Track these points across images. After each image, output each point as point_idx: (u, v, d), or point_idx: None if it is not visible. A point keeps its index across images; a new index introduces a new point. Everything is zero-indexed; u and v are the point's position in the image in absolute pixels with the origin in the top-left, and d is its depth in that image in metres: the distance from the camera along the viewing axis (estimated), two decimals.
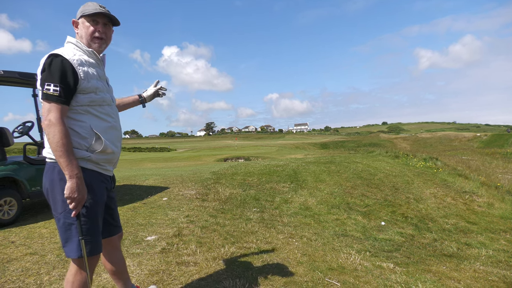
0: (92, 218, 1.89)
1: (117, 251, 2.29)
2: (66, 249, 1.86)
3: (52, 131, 1.70)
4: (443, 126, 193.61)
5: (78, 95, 1.84)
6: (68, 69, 1.77)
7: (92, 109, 1.89)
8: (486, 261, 4.36)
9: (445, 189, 8.30)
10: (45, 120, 1.71)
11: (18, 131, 5.13)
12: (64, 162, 1.72)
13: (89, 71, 1.88)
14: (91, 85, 1.87)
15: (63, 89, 1.75)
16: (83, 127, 1.86)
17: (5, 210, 4.38)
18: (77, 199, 1.76)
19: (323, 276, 3.06)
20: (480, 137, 69.26)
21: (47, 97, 1.73)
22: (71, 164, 1.74)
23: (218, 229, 4.33)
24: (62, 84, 1.74)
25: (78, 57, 1.85)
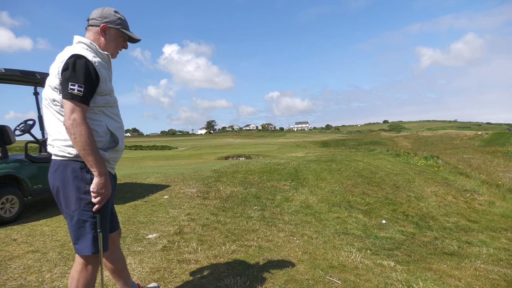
0: (105, 215, 1.95)
1: (116, 248, 2.31)
2: (78, 246, 1.89)
3: (79, 131, 1.74)
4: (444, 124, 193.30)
5: (96, 96, 1.89)
6: (92, 71, 1.82)
7: (106, 110, 1.95)
8: (487, 260, 4.36)
9: (446, 187, 8.29)
10: (68, 120, 1.75)
11: (20, 129, 5.14)
12: (93, 160, 1.78)
13: (107, 73, 1.95)
14: (108, 88, 1.94)
15: (87, 90, 1.79)
16: (100, 126, 1.90)
17: (7, 208, 4.40)
18: (104, 194, 1.84)
19: (324, 274, 3.06)
20: (481, 136, 69.12)
21: (72, 96, 1.75)
22: (100, 162, 1.81)
23: (219, 227, 4.34)
24: (86, 84, 1.78)
25: (98, 60, 1.91)
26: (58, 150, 1.89)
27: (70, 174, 1.86)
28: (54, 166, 1.93)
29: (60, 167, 1.89)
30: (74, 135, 1.75)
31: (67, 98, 1.76)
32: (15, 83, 5.31)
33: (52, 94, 1.86)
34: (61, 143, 1.87)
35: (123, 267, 2.36)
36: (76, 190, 1.84)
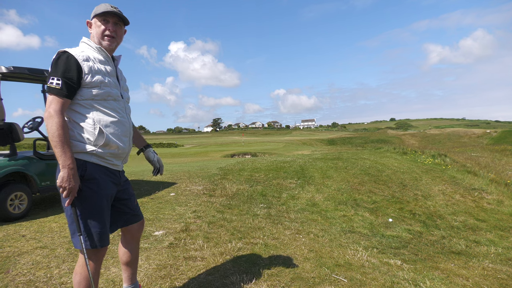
0: (94, 210, 1.91)
1: (134, 241, 2.31)
2: (73, 240, 1.92)
3: (50, 122, 1.77)
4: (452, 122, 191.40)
5: (83, 89, 1.89)
6: (73, 64, 1.84)
7: (96, 103, 1.93)
8: (495, 259, 4.31)
9: (453, 186, 8.22)
10: (46, 112, 1.79)
11: (28, 127, 5.19)
12: (58, 152, 1.77)
13: (95, 66, 1.93)
14: (95, 80, 1.91)
15: (65, 83, 1.82)
16: (86, 121, 1.90)
17: (16, 205, 4.45)
18: (68, 188, 1.80)
19: (330, 272, 3.05)
20: (490, 134, 68.33)
21: (49, 90, 1.82)
22: (64, 155, 1.78)
23: (225, 224, 4.35)
24: (64, 78, 1.82)
25: (86, 54, 1.92)
26: None
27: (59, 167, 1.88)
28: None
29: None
30: (47, 126, 1.78)
31: (47, 91, 1.84)
32: (23, 81, 5.37)
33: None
34: None
35: (135, 261, 2.36)
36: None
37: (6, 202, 4.32)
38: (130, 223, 2.24)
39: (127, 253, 2.29)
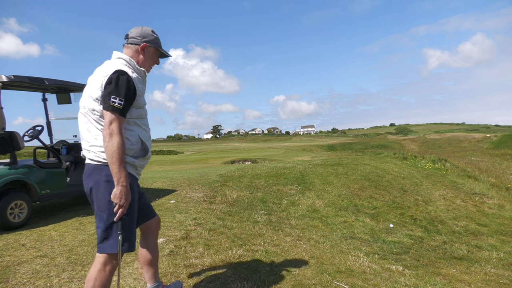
0: (131, 218, 2.10)
1: (153, 238, 2.46)
2: (103, 245, 2.01)
3: (112, 140, 1.90)
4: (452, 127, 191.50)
5: (132, 109, 2.08)
6: (132, 86, 2.02)
7: (139, 121, 2.15)
8: (497, 264, 4.29)
9: (454, 190, 8.20)
10: (107, 129, 1.91)
11: (29, 135, 5.20)
12: (114, 169, 1.91)
13: (140, 88, 2.13)
14: (142, 101, 2.14)
15: (125, 103, 1.98)
16: (133, 136, 2.11)
17: (16, 213, 4.44)
18: (119, 204, 1.94)
19: (331, 279, 3.04)
20: (490, 138, 68.36)
21: (113, 109, 1.93)
22: (120, 173, 1.92)
23: (226, 231, 4.33)
24: (125, 98, 1.97)
25: (136, 76, 2.11)
26: (94, 155, 2.04)
27: (103, 177, 2.01)
28: (89, 170, 2.08)
29: (95, 171, 2.04)
30: (107, 143, 1.91)
31: (108, 109, 1.93)
32: (24, 90, 5.39)
33: (92, 104, 2.02)
34: (98, 149, 2.02)
35: (156, 259, 2.46)
36: (107, 194, 1.97)
37: (6, 211, 4.31)
38: (148, 219, 2.41)
39: (148, 252, 2.41)
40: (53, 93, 5.91)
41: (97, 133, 2.03)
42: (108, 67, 2.04)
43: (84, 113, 2.09)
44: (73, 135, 6.16)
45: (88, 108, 2.04)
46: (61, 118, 6.40)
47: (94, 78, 2.06)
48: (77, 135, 6.15)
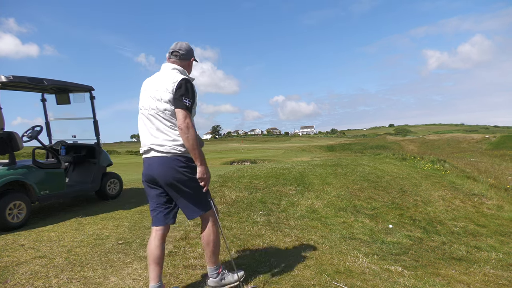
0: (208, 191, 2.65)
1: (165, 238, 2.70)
2: (198, 210, 2.57)
3: (191, 132, 2.40)
4: (451, 128, 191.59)
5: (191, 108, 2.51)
6: (194, 91, 2.53)
7: (193, 118, 2.57)
8: (496, 265, 4.30)
9: (453, 191, 8.21)
10: (183, 123, 2.38)
11: (27, 136, 5.19)
12: (197, 153, 2.45)
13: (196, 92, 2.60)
14: (196, 102, 2.59)
15: (192, 103, 2.47)
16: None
17: (15, 214, 4.43)
18: (206, 178, 2.53)
19: (330, 279, 3.04)
20: (489, 139, 68.50)
21: (186, 107, 2.41)
22: (201, 155, 2.48)
23: (225, 232, 4.33)
24: (192, 100, 2.47)
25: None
26: (169, 148, 2.46)
27: (179, 163, 2.47)
28: (164, 159, 2.47)
29: (170, 160, 2.46)
30: (187, 134, 2.39)
31: (182, 108, 2.40)
32: (23, 90, 5.39)
33: (164, 106, 2.45)
34: (172, 143, 2.46)
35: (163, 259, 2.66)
36: (187, 175, 2.49)
37: (5, 211, 4.30)
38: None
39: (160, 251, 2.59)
40: (52, 94, 5.91)
41: (168, 129, 2.47)
42: (173, 75, 2.51)
43: (152, 114, 2.49)
44: (72, 135, 6.15)
45: (159, 109, 2.46)
46: (60, 119, 6.39)
47: (158, 85, 2.50)
48: (76, 136, 6.15)
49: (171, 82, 2.46)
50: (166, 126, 2.47)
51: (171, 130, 2.47)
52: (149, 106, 2.52)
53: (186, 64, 2.72)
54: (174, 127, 2.47)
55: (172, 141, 2.45)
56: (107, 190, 5.95)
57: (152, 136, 2.50)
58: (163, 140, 2.46)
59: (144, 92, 2.59)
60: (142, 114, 2.57)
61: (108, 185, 5.97)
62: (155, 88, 2.51)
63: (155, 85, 2.53)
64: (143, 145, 2.57)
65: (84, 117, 5.90)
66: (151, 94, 2.52)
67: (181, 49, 2.68)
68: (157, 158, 2.49)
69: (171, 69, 2.60)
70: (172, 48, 2.68)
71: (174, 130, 2.47)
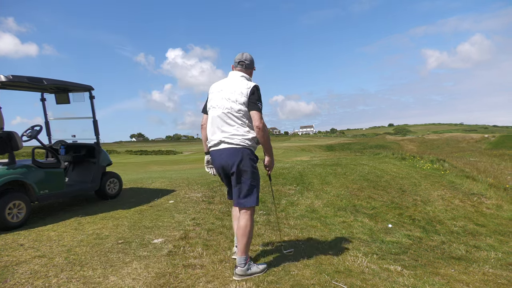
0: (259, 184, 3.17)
1: None
2: (246, 201, 3.00)
3: (265, 129, 2.95)
4: (450, 127, 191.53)
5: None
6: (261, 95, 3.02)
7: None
8: (496, 264, 4.31)
9: (452, 191, 8.23)
10: (259, 123, 2.89)
11: (27, 135, 5.19)
12: (269, 148, 3.11)
13: None
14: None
15: (262, 106, 2.98)
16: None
17: (14, 213, 4.43)
18: (271, 166, 3.22)
19: (330, 279, 3.04)
20: (488, 139, 68.57)
21: (259, 109, 2.93)
22: (271, 148, 3.15)
23: (225, 231, 4.34)
24: (261, 103, 2.99)
25: None
26: (239, 141, 2.92)
27: (248, 156, 2.95)
28: (234, 150, 2.93)
29: (239, 151, 2.92)
30: (263, 132, 2.93)
31: (257, 110, 2.91)
32: (22, 90, 5.38)
33: (238, 107, 2.92)
34: (241, 137, 2.93)
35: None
36: (251, 166, 2.98)
37: (5, 211, 4.30)
38: None
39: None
40: (51, 93, 5.90)
41: (239, 126, 2.95)
42: (245, 82, 3.02)
43: (226, 113, 2.95)
44: (72, 135, 6.15)
45: (234, 109, 2.92)
46: (59, 118, 6.39)
47: (233, 89, 2.97)
48: (76, 135, 6.14)
49: (245, 87, 2.95)
50: (237, 124, 2.94)
51: (241, 127, 2.95)
52: (223, 105, 2.97)
53: (249, 72, 3.20)
54: (244, 125, 2.96)
55: (241, 136, 2.93)
56: (107, 189, 5.95)
57: (223, 131, 2.97)
58: (233, 134, 2.93)
59: (217, 94, 3.04)
60: (215, 113, 3.01)
61: (108, 185, 5.97)
62: (230, 91, 2.97)
63: (230, 88, 2.99)
64: (213, 139, 3.02)
65: (83, 117, 5.89)
66: (225, 96, 2.98)
67: (247, 59, 3.16)
68: (227, 149, 2.95)
69: (240, 77, 3.09)
70: (238, 59, 3.15)
71: (243, 127, 2.96)
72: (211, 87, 3.17)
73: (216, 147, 3.02)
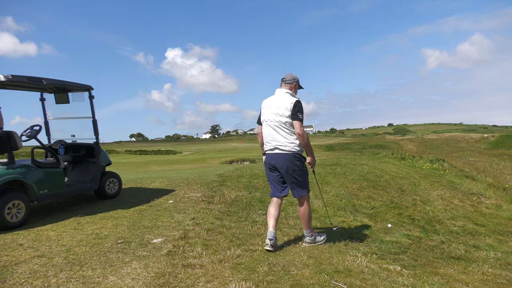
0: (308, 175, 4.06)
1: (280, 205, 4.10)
2: (302, 191, 3.90)
3: (305, 136, 3.71)
4: (450, 127, 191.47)
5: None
6: (303, 108, 3.77)
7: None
8: (495, 264, 4.31)
9: (452, 190, 8.23)
10: (301, 130, 3.66)
11: (26, 135, 5.18)
12: (310, 149, 3.86)
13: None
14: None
15: (303, 116, 3.74)
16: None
17: (13, 213, 4.42)
18: (313, 163, 4.00)
19: (329, 278, 3.04)
20: (488, 138, 68.56)
21: (300, 120, 3.69)
22: (312, 150, 3.90)
23: (224, 231, 4.34)
24: (302, 114, 3.74)
25: None
26: (289, 148, 3.72)
27: (296, 159, 3.77)
28: (285, 155, 3.74)
29: (289, 156, 3.73)
30: (302, 137, 3.69)
31: (298, 120, 3.68)
32: (22, 89, 5.37)
33: (285, 119, 3.70)
34: (291, 144, 3.72)
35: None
36: (299, 165, 3.79)
37: (4, 211, 4.29)
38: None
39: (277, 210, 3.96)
40: (51, 93, 5.89)
41: (288, 135, 3.73)
42: (289, 98, 3.78)
43: (276, 125, 3.75)
44: (71, 135, 6.14)
45: (281, 122, 3.71)
46: (59, 118, 6.38)
47: (279, 105, 3.74)
48: (75, 135, 6.13)
49: (289, 103, 3.71)
50: (286, 133, 3.73)
51: (289, 136, 3.73)
52: (273, 119, 3.77)
53: (292, 87, 3.96)
54: (292, 134, 3.72)
55: (290, 143, 3.72)
56: (106, 189, 5.94)
57: (276, 140, 3.77)
58: (284, 142, 3.73)
59: (268, 109, 3.84)
60: (268, 124, 3.82)
61: (107, 185, 5.97)
62: (277, 107, 3.75)
63: (277, 104, 3.77)
64: (269, 145, 3.85)
65: (83, 117, 5.89)
66: (274, 111, 3.77)
67: (288, 78, 3.97)
68: (280, 154, 3.76)
69: (285, 93, 3.86)
70: (283, 77, 3.99)
71: (291, 136, 3.73)
72: (263, 103, 3.97)
73: (271, 151, 3.85)
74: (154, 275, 2.98)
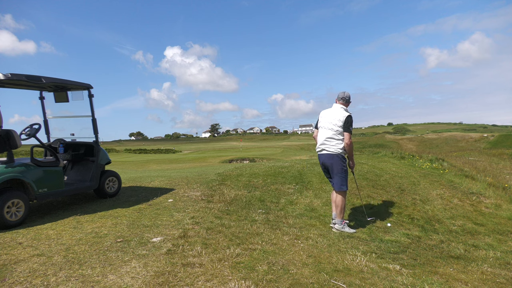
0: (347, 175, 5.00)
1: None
2: (342, 186, 4.79)
3: (351, 145, 4.80)
4: (449, 126, 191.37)
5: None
6: (352, 121, 4.80)
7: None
8: (494, 263, 4.31)
9: (451, 190, 8.23)
10: (349, 141, 4.73)
11: (26, 134, 5.17)
12: (352, 155, 4.96)
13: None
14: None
15: (352, 129, 4.80)
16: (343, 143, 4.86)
17: (13, 212, 4.42)
18: (353, 166, 5.06)
19: (328, 277, 3.05)
20: (487, 138, 68.62)
21: (350, 132, 4.76)
22: (353, 156, 4.99)
23: (223, 230, 4.34)
24: (352, 127, 4.79)
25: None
26: (335, 150, 4.77)
27: (340, 159, 4.79)
28: (331, 155, 4.81)
29: (335, 156, 4.78)
30: (349, 147, 4.76)
31: (348, 132, 4.73)
32: (21, 88, 5.36)
33: (336, 128, 4.74)
34: (337, 147, 4.77)
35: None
36: (340, 165, 4.79)
37: (3, 210, 4.29)
38: None
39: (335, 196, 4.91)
40: (50, 92, 5.88)
41: (335, 140, 4.77)
42: (342, 112, 4.80)
43: (329, 132, 4.80)
44: (71, 133, 6.13)
45: (333, 130, 4.76)
46: (58, 117, 6.37)
47: (334, 116, 4.80)
48: (75, 134, 6.13)
49: (342, 116, 4.74)
50: (334, 139, 4.77)
51: (335, 141, 4.76)
52: (327, 127, 4.83)
53: (346, 104, 5.01)
54: (338, 140, 4.75)
55: (335, 146, 4.77)
56: (106, 188, 5.94)
57: (325, 143, 4.85)
58: (331, 145, 4.79)
59: (325, 118, 4.92)
60: (323, 129, 4.90)
61: (107, 183, 5.96)
62: (332, 117, 4.81)
63: (332, 115, 4.83)
64: (320, 147, 4.94)
65: (82, 115, 5.88)
66: (329, 120, 4.83)
67: (345, 96, 5.00)
68: (327, 154, 4.85)
69: (339, 108, 4.91)
70: (340, 95, 5.02)
71: (338, 141, 4.75)
72: (321, 112, 5.08)
73: (321, 152, 4.96)
74: (153, 274, 2.98)
